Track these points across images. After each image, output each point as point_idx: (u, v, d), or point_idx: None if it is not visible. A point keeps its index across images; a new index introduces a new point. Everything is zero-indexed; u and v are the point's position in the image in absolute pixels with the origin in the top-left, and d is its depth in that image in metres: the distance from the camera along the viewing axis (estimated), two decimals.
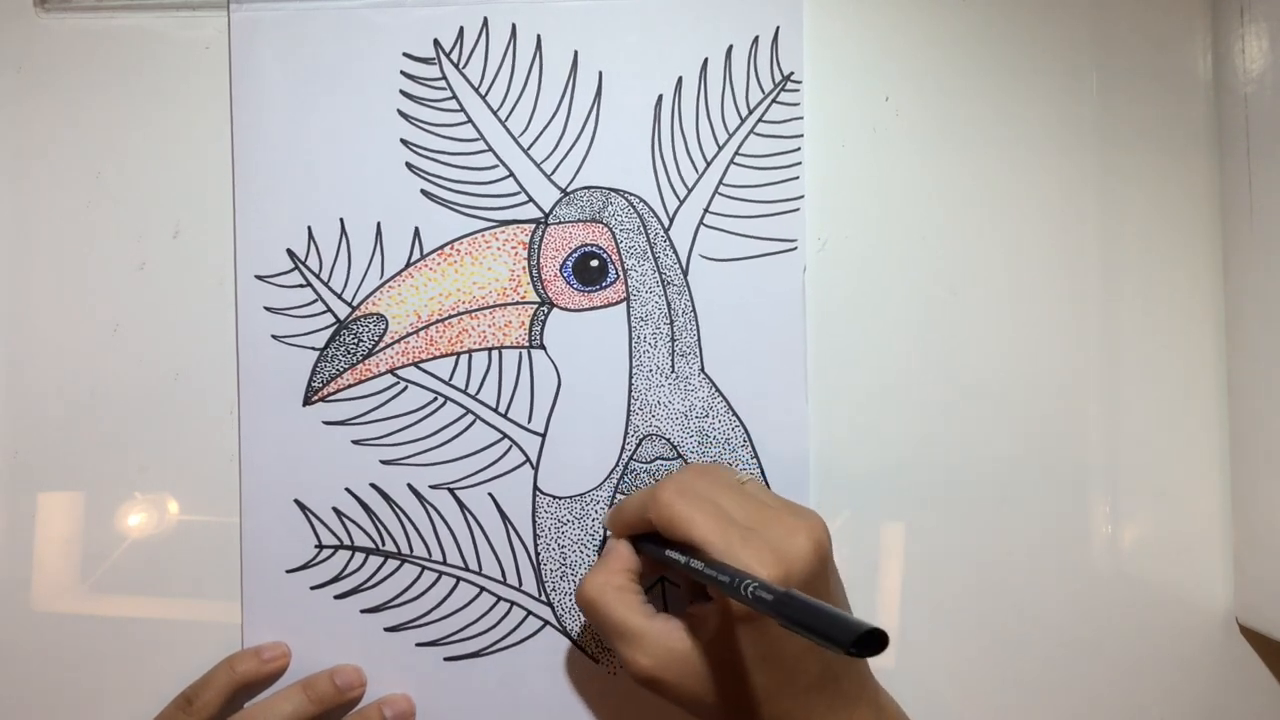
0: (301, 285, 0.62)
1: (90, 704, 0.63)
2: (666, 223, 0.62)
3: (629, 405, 0.62)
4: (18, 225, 0.64)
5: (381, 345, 0.62)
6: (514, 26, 0.62)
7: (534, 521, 0.62)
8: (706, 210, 0.62)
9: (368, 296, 0.62)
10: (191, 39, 0.64)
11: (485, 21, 0.62)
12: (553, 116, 0.63)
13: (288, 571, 0.62)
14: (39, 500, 0.63)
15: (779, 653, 0.49)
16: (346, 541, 0.62)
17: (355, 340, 0.62)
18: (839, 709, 0.51)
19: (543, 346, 0.62)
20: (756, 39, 0.62)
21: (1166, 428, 0.62)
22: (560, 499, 0.62)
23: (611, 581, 0.54)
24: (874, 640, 0.39)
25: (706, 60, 0.62)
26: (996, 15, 0.63)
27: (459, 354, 0.62)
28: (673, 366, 0.62)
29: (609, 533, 0.59)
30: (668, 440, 0.62)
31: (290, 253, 0.62)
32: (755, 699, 0.50)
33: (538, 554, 0.62)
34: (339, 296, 0.62)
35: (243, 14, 0.63)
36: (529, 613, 0.62)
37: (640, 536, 0.56)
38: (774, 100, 0.62)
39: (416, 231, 0.62)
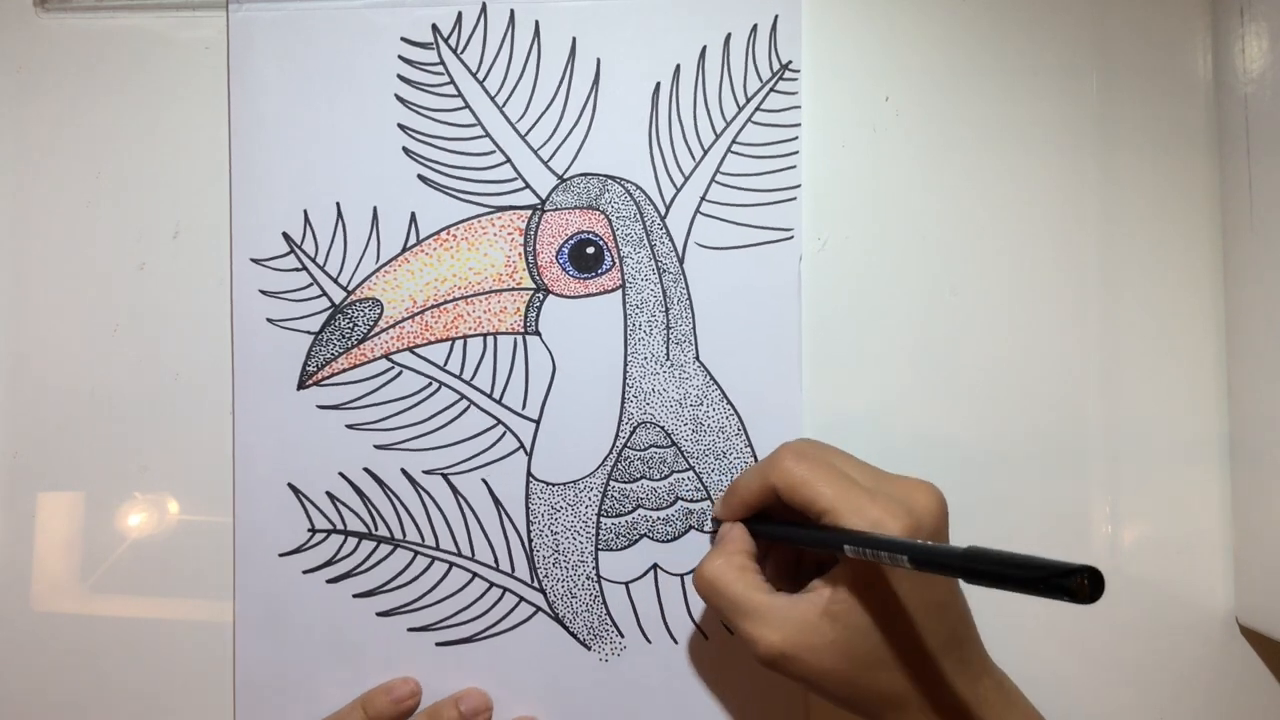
0: (297, 269, 0.63)
1: (90, 704, 0.63)
2: (663, 210, 0.62)
3: (623, 392, 0.62)
4: (18, 225, 0.64)
5: (376, 330, 0.62)
6: (512, 13, 0.63)
7: (527, 508, 0.62)
8: (703, 198, 0.62)
9: (363, 281, 0.63)
10: (191, 39, 0.64)
11: (484, 8, 0.63)
12: (550, 103, 0.63)
13: (280, 555, 0.62)
14: (39, 500, 0.64)
15: (907, 617, 0.49)
16: (339, 526, 0.62)
17: (350, 325, 0.62)
18: (964, 674, 0.50)
19: (538, 333, 0.62)
20: (755, 27, 0.62)
21: (1166, 428, 0.62)
22: (554, 485, 0.62)
23: (732, 561, 0.53)
24: (1088, 580, 0.37)
25: (705, 48, 0.62)
26: (996, 15, 0.63)
27: (454, 340, 0.62)
28: (667, 354, 0.62)
29: (716, 523, 0.59)
30: (662, 428, 0.62)
31: (286, 236, 0.63)
32: (884, 665, 0.49)
33: (530, 540, 0.62)
34: (334, 281, 0.63)
35: (241, 14, 0.63)
36: (521, 599, 0.62)
37: (754, 519, 0.56)
38: (772, 89, 0.62)
39: (413, 216, 0.63)
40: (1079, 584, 0.37)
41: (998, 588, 0.40)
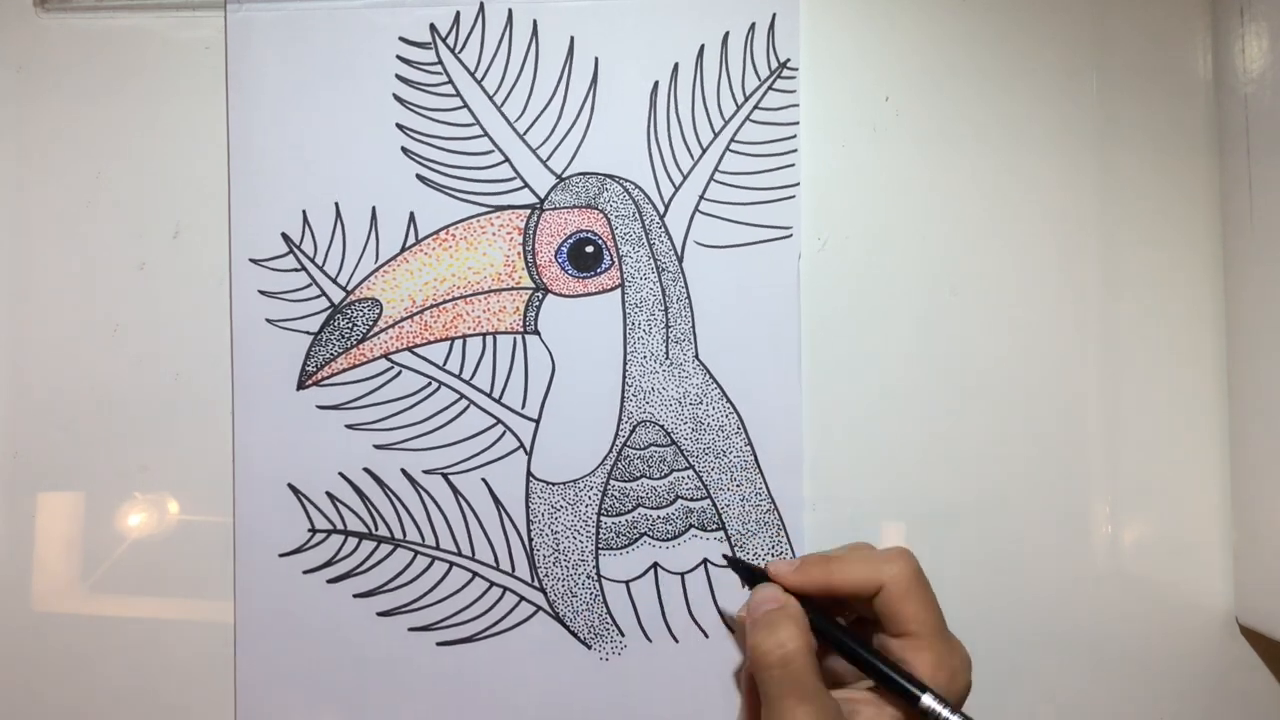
0: (296, 269, 0.63)
1: (90, 704, 0.63)
2: (662, 209, 0.62)
3: (623, 392, 0.62)
4: (18, 225, 0.64)
5: (376, 330, 0.62)
6: (510, 12, 0.62)
7: (527, 507, 0.62)
8: (702, 197, 0.62)
9: (362, 281, 0.63)
10: (191, 39, 0.64)
11: (481, 7, 0.63)
12: (549, 102, 0.62)
13: (280, 555, 0.62)
14: (39, 500, 0.64)
15: None
16: (339, 526, 0.62)
17: (349, 325, 0.62)
18: None
19: (537, 332, 0.62)
20: (753, 26, 0.62)
21: (1166, 428, 0.62)
22: (554, 485, 0.62)
23: (811, 642, 0.51)
24: None
25: (703, 47, 0.62)
26: (996, 15, 0.62)
27: (453, 339, 0.62)
28: (667, 353, 0.62)
29: (756, 574, 0.55)
30: (661, 427, 0.62)
31: (285, 236, 0.63)
32: None
33: (530, 540, 0.62)
34: (334, 281, 0.63)
35: (240, 14, 0.63)
36: (521, 598, 0.62)
37: (812, 609, 0.53)
38: (770, 87, 0.62)
39: (412, 216, 0.62)
40: None
41: None
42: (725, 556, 0.60)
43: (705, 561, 0.62)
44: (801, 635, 0.50)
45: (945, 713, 0.48)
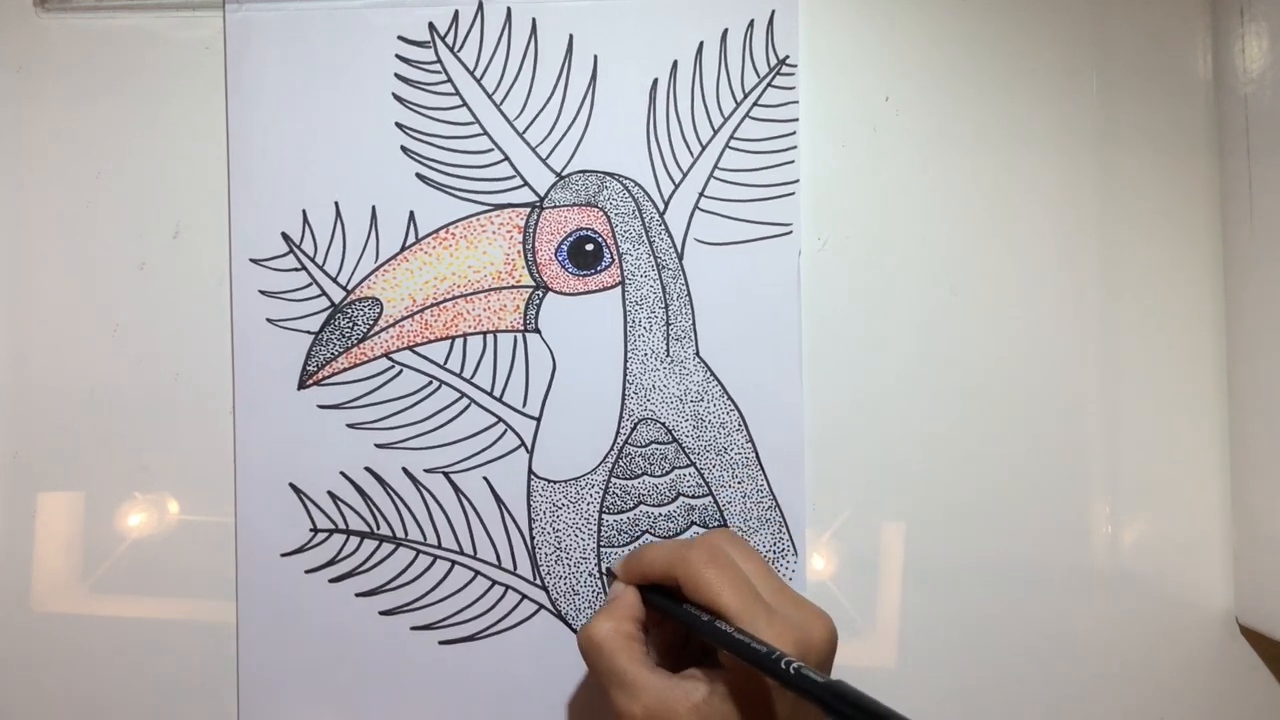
0: (296, 269, 0.63)
1: (90, 704, 0.63)
2: (662, 207, 0.62)
3: (624, 389, 0.62)
4: (18, 225, 0.64)
5: (376, 329, 0.62)
6: (509, 10, 0.62)
7: (529, 505, 0.62)
8: (701, 194, 0.62)
9: (363, 280, 0.62)
10: (191, 39, 0.64)
11: (480, 6, 0.62)
12: (548, 100, 0.62)
13: (282, 555, 0.62)
14: (39, 500, 0.64)
15: None
16: (341, 525, 0.62)
17: (350, 324, 0.62)
18: None
19: (538, 330, 0.62)
20: (752, 23, 0.62)
21: (1166, 428, 0.62)
22: (555, 483, 0.62)
23: (620, 628, 0.53)
24: None
25: (702, 44, 0.62)
26: (996, 15, 0.62)
27: (454, 338, 0.62)
28: (668, 350, 0.62)
29: (613, 575, 0.59)
30: (663, 424, 0.62)
31: (285, 236, 0.63)
32: None
33: (532, 538, 0.62)
34: (334, 280, 0.62)
35: (239, 15, 0.63)
36: (524, 596, 0.62)
37: (650, 588, 0.55)
38: (769, 84, 0.62)
39: (411, 215, 0.62)
40: None
41: None
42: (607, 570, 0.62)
43: None
44: (603, 624, 0.53)
45: (769, 674, 0.46)
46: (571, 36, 0.62)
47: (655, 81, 0.62)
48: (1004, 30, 0.62)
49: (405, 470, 0.62)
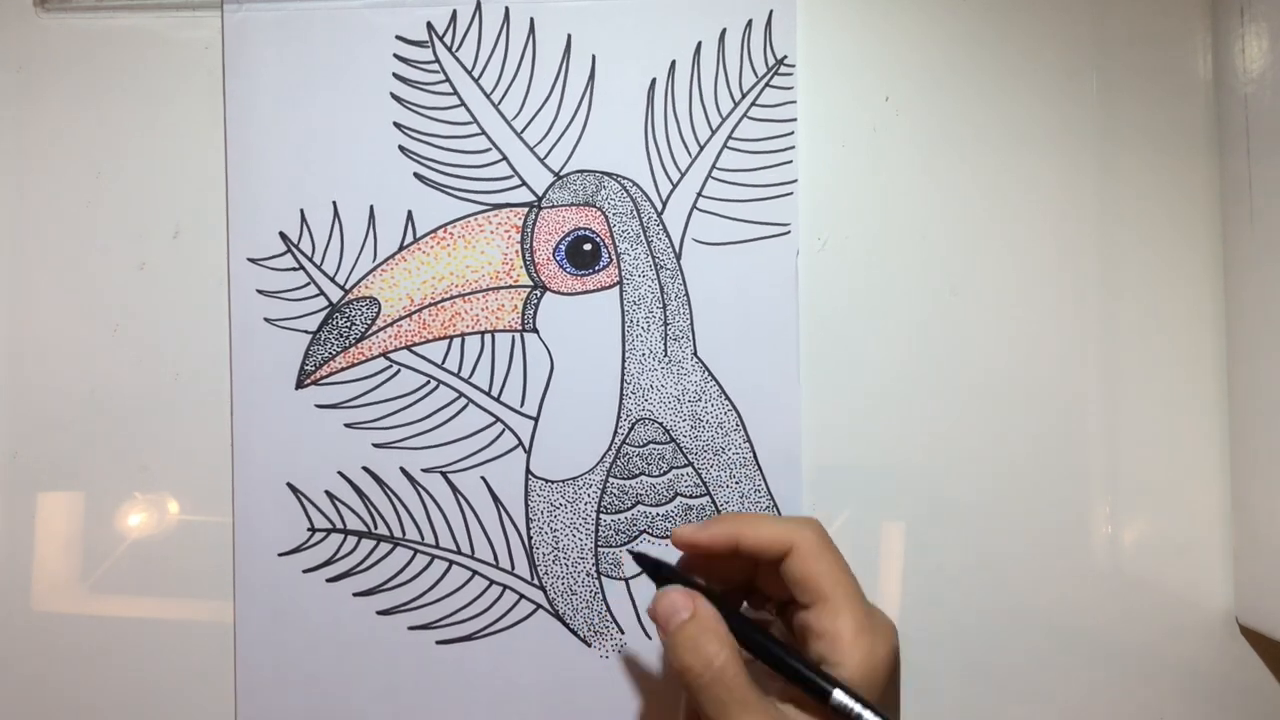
0: (294, 268, 0.63)
1: (90, 704, 0.64)
2: (659, 206, 0.62)
3: (621, 389, 0.62)
4: (18, 225, 0.64)
5: (374, 329, 0.62)
6: (506, 10, 0.62)
7: (526, 505, 0.62)
8: (699, 194, 0.62)
9: (360, 280, 0.62)
10: (191, 39, 0.64)
11: (478, 6, 0.62)
12: (546, 100, 0.62)
13: (280, 555, 0.62)
14: (39, 500, 0.64)
15: None
16: (339, 525, 0.62)
17: (348, 324, 0.62)
18: None
19: (535, 330, 0.62)
20: (750, 23, 0.62)
21: (1166, 428, 0.61)
22: (553, 483, 0.62)
23: (735, 647, 0.49)
24: None
25: (700, 44, 0.62)
26: (996, 15, 0.62)
27: (452, 338, 0.62)
28: (665, 350, 0.62)
29: (643, 556, 0.55)
30: (660, 424, 0.62)
31: (283, 236, 0.63)
32: None
33: (530, 538, 0.62)
34: (332, 280, 0.62)
35: (238, 15, 0.63)
36: (521, 596, 0.62)
37: (721, 602, 0.51)
38: (767, 84, 0.62)
39: (409, 215, 0.62)
40: None
41: None
42: (630, 552, 0.61)
43: None
44: (726, 645, 0.48)
45: (857, 708, 0.46)
46: (569, 36, 0.62)
47: (653, 81, 0.62)
48: (1004, 30, 0.62)
49: (403, 470, 0.62)
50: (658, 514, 0.62)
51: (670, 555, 0.56)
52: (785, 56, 0.61)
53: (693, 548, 0.53)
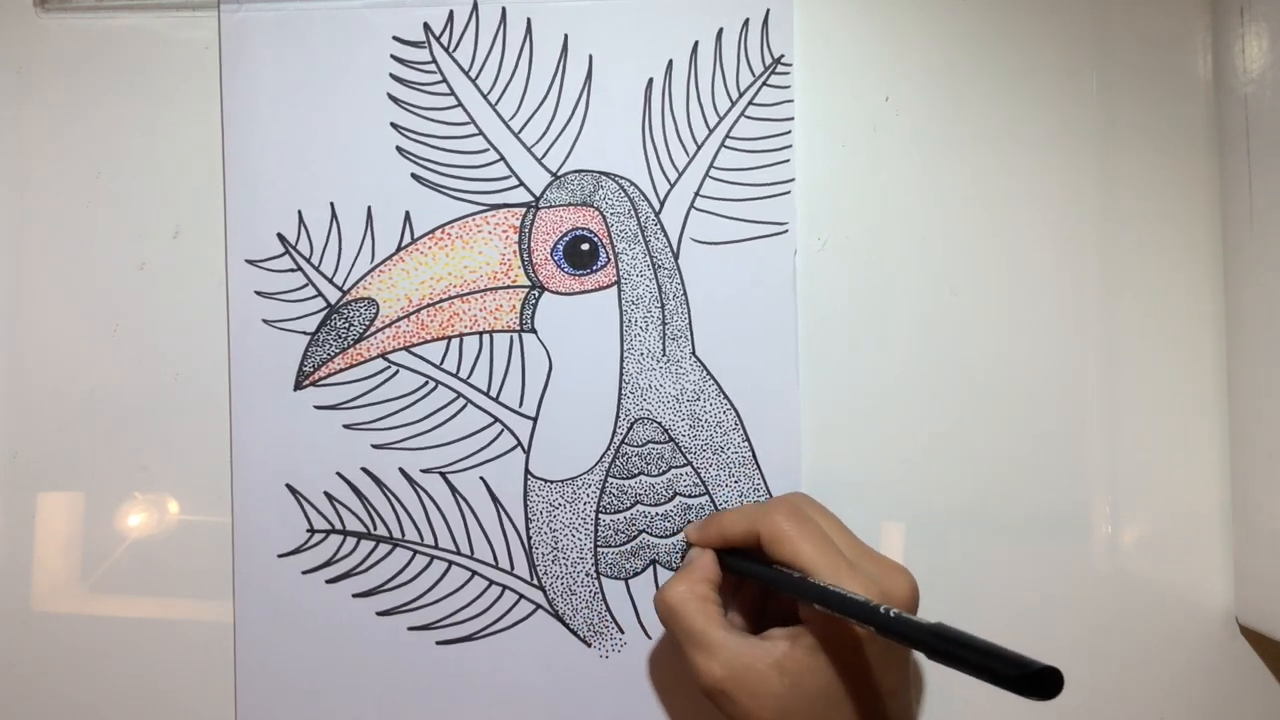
0: (292, 269, 0.63)
1: (90, 704, 0.64)
2: (657, 206, 0.62)
3: (620, 389, 0.62)
4: (18, 225, 0.64)
5: (372, 330, 0.62)
6: (504, 10, 0.62)
7: (525, 505, 0.62)
8: (697, 193, 0.62)
9: (358, 281, 0.62)
10: (191, 39, 0.64)
11: (475, 6, 0.62)
12: (543, 100, 0.62)
13: (279, 556, 0.62)
14: (39, 500, 0.64)
15: (854, 695, 0.50)
16: (338, 526, 0.62)
17: (346, 325, 0.62)
18: None
19: (534, 330, 0.62)
20: (746, 22, 0.61)
21: (1166, 427, 0.61)
22: (552, 483, 0.62)
23: (695, 590, 0.54)
24: (1048, 680, 0.38)
25: (697, 43, 0.61)
26: (996, 15, 0.62)
27: (450, 338, 0.62)
28: (664, 350, 0.62)
29: (688, 542, 0.59)
30: (659, 424, 0.62)
31: (281, 237, 0.63)
32: None
33: (529, 538, 0.62)
34: (330, 281, 0.62)
35: (236, 15, 0.63)
36: (521, 596, 0.62)
37: (726, 551, 0.56)
38: (764, 83, 0.61)
39: (407, 215, 0.62)
40: (1039, 684, 0.39)
41: (959, 669, 0.40)
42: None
43: None
44: (678, 586, 0.54)
45: (838, 613, 0.47)
46: (566, 36, 0.62)
47: (650, 81, 0.62)
48: (1004, 30, 0.62)
49: (402, 470, 0.62)
50: (657, 513, 0.62)
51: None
52: (782, 56, 0.61)
53: (694, 544, 0.59)
